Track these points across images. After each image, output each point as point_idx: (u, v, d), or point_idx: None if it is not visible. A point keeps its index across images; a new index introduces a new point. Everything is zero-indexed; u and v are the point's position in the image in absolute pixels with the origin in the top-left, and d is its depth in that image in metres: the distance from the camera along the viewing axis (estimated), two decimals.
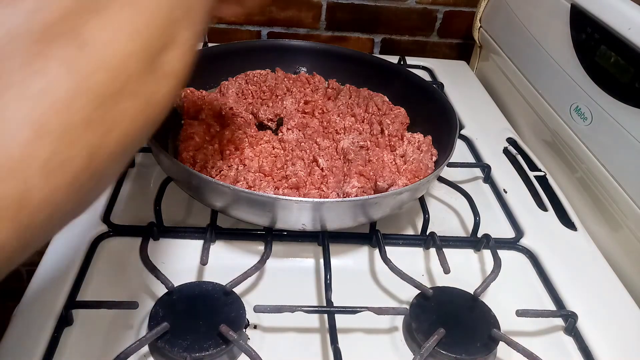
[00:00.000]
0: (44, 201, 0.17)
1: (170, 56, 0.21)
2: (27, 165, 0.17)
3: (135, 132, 0.21)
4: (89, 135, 0.18)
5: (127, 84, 0.19)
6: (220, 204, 0.51)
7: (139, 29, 0.20)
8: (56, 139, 0.17)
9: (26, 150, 0.16)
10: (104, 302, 0.44)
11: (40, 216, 0.18)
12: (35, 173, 0.17)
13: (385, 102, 0.67)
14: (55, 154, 0.17)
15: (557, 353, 0.47)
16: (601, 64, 0.59)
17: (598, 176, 0.61)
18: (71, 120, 0.17)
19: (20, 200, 0.17)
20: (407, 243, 0.55)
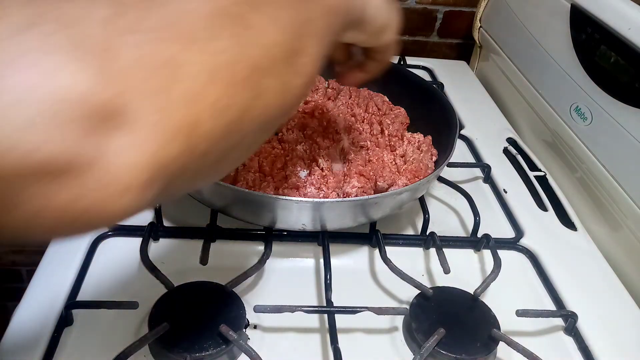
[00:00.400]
0: (206, 134, 0.22)
1: (303, 60, 0.27)
2: (200, 101, 0.21)
3: (274, 110, 0.26)
4: (244, 93, 0.23)
5: (273, 65, 0.25)
6: (220, 204, 0.51)
7: (285, 26, 0.25)
8: (223, 87, 0.22)
9: (202, 89, 0.21)
10: (104, 302, 0.44)
11: (201, 147, 0.22)
12: (205, 109, 0.21)
13: (385, 102, 0.67)
14: (221, 98, 0.22)
15: (557, 353, 0.47)
16: (601, 64, 0.59)
17: (598, 176, 0.61)
18: (234, 77, 0.22)
19: (192, 127, 0.21)
20: (407, 243, 0.55)
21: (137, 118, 0.19)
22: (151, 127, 0.19)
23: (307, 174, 0.54)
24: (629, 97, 0.55)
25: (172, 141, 0.20)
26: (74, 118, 0.17)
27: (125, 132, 0.19)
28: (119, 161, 0.19)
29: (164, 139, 0.20)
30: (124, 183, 0.19)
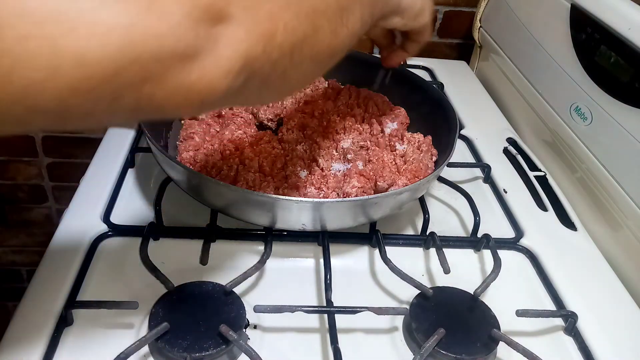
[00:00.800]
0: (279, 45, 0.29)
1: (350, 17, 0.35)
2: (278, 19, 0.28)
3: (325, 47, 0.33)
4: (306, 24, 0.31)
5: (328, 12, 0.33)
6: (220, 204, 0.51)
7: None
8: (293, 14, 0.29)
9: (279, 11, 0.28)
10: (104, 302, 0.44)
11: (274, 54, 0.29)
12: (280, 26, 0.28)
13: (385, 102, 0.67)
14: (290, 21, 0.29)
15: (557, 353, 0.47)
16: (601, 64, 0.59)
17: (598, 176, 0.61)
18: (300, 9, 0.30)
19: (271, 36, 0.28)
20: (407, 243, 0.55)
21: (238, 23, 0.26)
22: (246, 30, 0.26)
23: (307, 174, 0.54)
24: (629, 97, 0.55)
25: (258, 43, 0.27)
26: (201, 19, 0.24)
27: (230, 31, 0.26)
28: (226, 51, 0.26)
29: (253, 40, 0.27)
30: (228, 67, 0.26)
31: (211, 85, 0.26)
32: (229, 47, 0.26)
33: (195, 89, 0.25)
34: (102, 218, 0.54)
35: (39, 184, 1.14)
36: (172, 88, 0.25)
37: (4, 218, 1.19)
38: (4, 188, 1.14)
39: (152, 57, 0.23)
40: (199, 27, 0.24)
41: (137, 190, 0.59)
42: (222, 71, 0.26)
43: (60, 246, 0.50)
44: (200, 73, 0.25)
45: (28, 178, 1.13)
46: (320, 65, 0.35)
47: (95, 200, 0.56)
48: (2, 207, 1.17)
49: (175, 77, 0.24)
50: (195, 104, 0.26)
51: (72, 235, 0.52)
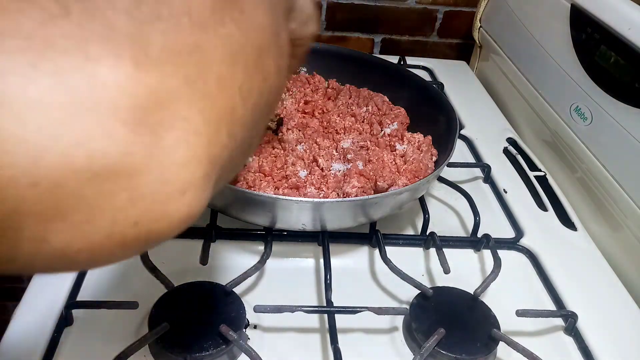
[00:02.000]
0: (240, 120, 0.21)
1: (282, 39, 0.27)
2: (231, 86, 0.20)
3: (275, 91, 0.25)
4: (257, 76, 0.22)
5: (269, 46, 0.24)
6: (220, 204, 0.51)
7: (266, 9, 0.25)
8: (243, 70, 0.21)
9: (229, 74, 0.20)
10: (104, 302, 0.44)
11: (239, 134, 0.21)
12: (236, 94, 0.20)
13: (385, 102, 0.67)
14: (244, 82, 0.21)
15: (557, 353, 0.47)
16: (601, 64, 0.59)
17: (598, 176, 0.61)
18: (247, 59, 0.21)
19: (231, 113, 0.20)
20: (407, 243, 0.55)
21: (185, 107, 0.17)
22: (200, 116, 0.18)
23: (307, 174, 0.54)
24: (629, 97, 0.55)
25: (220, 130, 0.19)
26: (118, 109, 0.16)
27: (176, 124, 0.17)
28: (176, 156, 0.17)
29: (213, 128, 0.19)
30: (184, 180, 0.18)
31: (159, 212, 0.17)
32: (180, 148, 0.17)
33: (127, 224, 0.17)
34: None
35: None
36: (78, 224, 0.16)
37: None
38: None
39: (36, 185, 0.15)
40: (116, 127, 0.16)
41: None
42: (175, 187, 0.17)
43: None
44: (132, 196, 0.16)
45: None
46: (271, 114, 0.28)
47: None
48: None
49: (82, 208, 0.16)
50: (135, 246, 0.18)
51: None
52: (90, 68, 0.15)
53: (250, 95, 0.21)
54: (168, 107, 0.17)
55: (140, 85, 0.16)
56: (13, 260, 0.16)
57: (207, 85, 0.19)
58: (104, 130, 0.15)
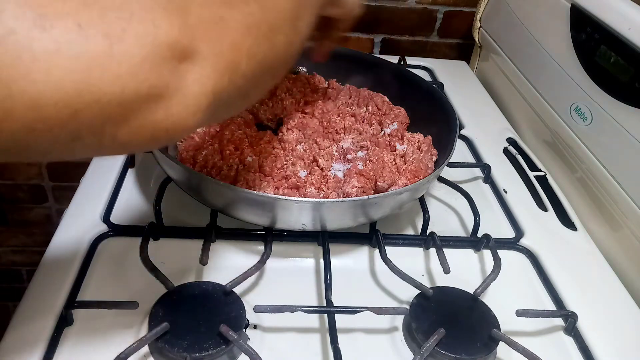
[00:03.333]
0: (243, 72, 0.29)
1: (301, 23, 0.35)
2: (240, 49, 0.28)
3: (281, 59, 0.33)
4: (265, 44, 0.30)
5: (283, 24, 0.32)
6: (220, 204, 0.51)
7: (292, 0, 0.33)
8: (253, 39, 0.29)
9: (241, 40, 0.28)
10: (104, 302, 0.44)
11: (239, 82, 0.29)
12: (243, 54, 0.28)
13: (385, 102, 0.67)
14: (251, 47, 0.29)
15: (557, 353, 0.47)
16: (601, 64, 0.59)
17: (598, 176, 0.61)
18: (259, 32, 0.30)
19: (236, 67, 0.28)
20: (407, 243, 0.55)
21: (203, 60, 0.26)
22: (211, 65, 0.26)
23: (307, 174, 0.54)
24: (629, 97, 0.55)
25: (224, 77, 0.27)
26: (166, 59, 0.24)
27: (195, 69, 0.26)
28: (193, 89, 0.26)
29: (219, 75, 0.27)
30: (197, 105, 0.26)
31: (179, 123, 0.26)
32: (196, 85, 0.26)
33: (161, 128, 0.26)
34: (102, 218, 0.54)
35: (39, 184, 1.14)
36: (136, 128, 0.25)
37: (4, 218, 1.19)
38: (4, 188, 1.14)
39: (113, 100, 0.23)
40: (163, 67, 0.24)
41: (137, 190, 0.59)
42: (191, 110, 0.26)
43: (60, 246, 0.50)
44: (167, 113, 0.25)
45: (28, 178, 1.13)
46: (277, 76, 0.36)
47: (95, 200, 0.56)
48: (2, 207, 1.17)
49: (139, 118, 0.25)
50: (162, 141, 0.27)
51: (72, 235, 0.52)
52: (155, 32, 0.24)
53: (254, 57, 0.29)
54: (193, 58, 0.25)
55: (179, 44, 0.25)
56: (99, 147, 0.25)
57: (222, 46, 0.27)
58: (158, 72, 0.24)
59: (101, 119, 0.23)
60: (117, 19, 0.23)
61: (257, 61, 0.30)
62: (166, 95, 0.25)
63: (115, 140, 0.25)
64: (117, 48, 0.22)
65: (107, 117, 0.23)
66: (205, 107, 0.27)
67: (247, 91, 0.31)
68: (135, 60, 0.23)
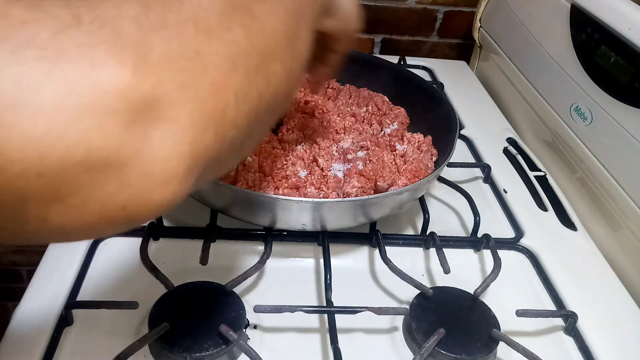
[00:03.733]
0: (233, 121, 0.22)
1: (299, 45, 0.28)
2: (226, 90, 0.22)
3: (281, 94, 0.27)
4: (258, 80, 0.24)
5: (278, 51, 0.26)
6: (220, 204, 0.51)
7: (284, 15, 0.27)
8: (242, 75, 0.23)
9: (226, 78, 0.22)
10: (104, 302, 0.44)
11: (229, 134, 0.22)
12: (230, 97, 0.22)
13: (385, 102, 0.67)
14: (241, 86, 0.23)
15: (557, 353, 0.47)
16: (601, 64, 0.59)
17: (598, 176, 0.61)
18: (249, 64, 0.23)
19: (221, 115, 0.22)
20: (407, 243, 0.55)
21: (174, 109, 0.20)
22: (187, 117, 0.20)
23: (307, 174, 0.54)
24: (629, 97, 0.55)
25: (206, 130, 0.21)
26: (115, 111, 0.18)
27: (164, 124, 0.19)
28: (160, 152, 0.19)
29: (199, 128, 0.21)
30: (167, 173, 0.20)
31: (144, 199, 0.20)
32: (166, 145, 0.19)
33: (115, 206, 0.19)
34: None
35: None
36: (75, 208, 0.19)
37: None
38: None
39: (28, 169, 0.17)
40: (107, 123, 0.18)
41: None
42: (159, 179, 0.20)
43: (60, 246, 0.50)
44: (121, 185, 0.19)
45: None
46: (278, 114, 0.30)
47: None
48: None
49: (78, 194, 0.18)
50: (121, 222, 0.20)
51: None
52: (94, 76, 0.18)
53: (246, 99, 0.23)
54: (158, 109, 0.19)
55: (135, 90, 0.18)
56: (22, 234, 0.19)
57: (199, 90, 0.20)
58: (101, 130, 0.18)
59: (14, 196, 0.17)
60: (37, 59, 0.17)
61: (251, 103, 0.23)
62: (117, 162, 0.18)
63: (47, 223, 0.19)
64: (32, 100, 0.17)
65: (22, 194, 0.17)
66: (184, 174, 0.20)
67: (241, 142, 0.24)
68: (63, 115, 0.17)
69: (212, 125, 0.21)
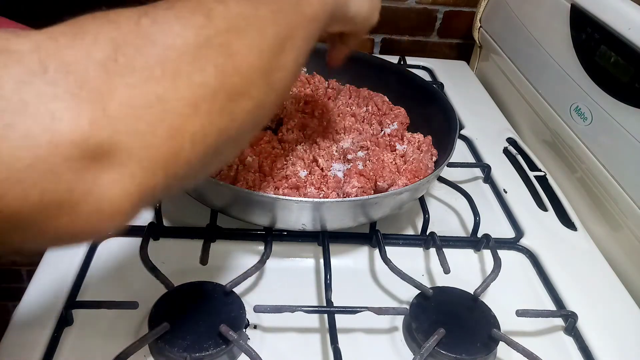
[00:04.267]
0: (186, 161, 0.24)
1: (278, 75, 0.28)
2: (183, 134, 0.23)
3: (248, 126, 0.27)
4: (221, 120, 0.25)
5: (250, 87, 0.26)
6: (220, 204, 0.51)
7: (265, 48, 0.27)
8: (203, 118, 0.24)
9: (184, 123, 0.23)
10: (104, 302, 0.44)
11: (181, 172, 0.24)
12: (186, 140, 0.23)
13: (385, 102, 0.67)
14: (201, 129, 0.24)
15: (557, 353, 0.47)
16: (601, 64, 0.59)
17: (598, 176, 0.61)
18: (214, 106, 0.24)
19: (174, 157, 0.23)
20: (407, 243, 0.55)
21: (125, 156, 0.21)
22: (137, 162, 0.22)
23: (307, 174, 0.54)
24: (629, 97, 0.55)
25: (156, 172, 0.23)
26: (69, 159, 0.20)
27: (114, 169, 0.21)
28: (109, 194, 0.21)
29: (149, 171, 0.22)
30: (113, 210, 0.22)
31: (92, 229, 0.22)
32: (114, 188, 0.21)
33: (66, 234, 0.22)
34: None
35: None
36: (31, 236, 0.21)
37: None
38: None
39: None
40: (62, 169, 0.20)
41: None
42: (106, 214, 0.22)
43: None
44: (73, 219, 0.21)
45: None
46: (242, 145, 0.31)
47: None
48: None
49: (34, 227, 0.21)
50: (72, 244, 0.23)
51: None
52: (53, 128, 0.19)
53: (203, 140, 0.24)
54: (110, 156, 0.21)
55: (90, 140, 0.20)
56: None
57: (154, 137, 0.22)
58: (55, 176, 0.20)
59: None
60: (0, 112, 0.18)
61: (208, 142, 0.24)
62: (70, 202, 0.21)
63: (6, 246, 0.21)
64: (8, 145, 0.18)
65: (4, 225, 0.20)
66: (130, 209, 0.23)
67: (194, 174, 0.26)
68: (21, 164, 0.19)
69: (162, 168, 0.23)
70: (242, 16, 0.26)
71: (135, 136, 0.21)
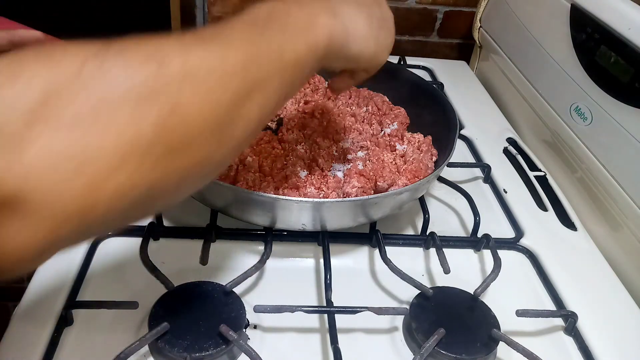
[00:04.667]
0: (102, 214, 0.22)
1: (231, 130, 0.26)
2: (102, 188, 0.22)
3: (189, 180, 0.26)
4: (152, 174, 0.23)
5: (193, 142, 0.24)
6: (220, 204, 0.51)
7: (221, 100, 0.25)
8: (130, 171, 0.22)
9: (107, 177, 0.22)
10: (104, 302, 0.44)
11: (95, 224, 0.23)
12: (105, 194, 0.22)
13: (385, 102, 0.67)
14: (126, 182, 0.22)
15: (557, 353, 0.47)
16: (601, 64, 0.59)
17: (598, 176, 0.61)
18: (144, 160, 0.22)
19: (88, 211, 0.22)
20: (407, 243, 0.55)
21: (35, 206, 0.20)
22: (47, 213, 0.21)
23: (307, 174, 0.54)
24: (629, 97, 0.55)
25: (65, 224, 0.22)
26: None
27: (18, 218, 0.20)
28: (11, 242, 0.21)
29: (56, 223, 0.21)
30: (16, 258, 0.22)
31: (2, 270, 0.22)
32: (18, 238, 0.21)
33: None
34: None
35: None
36: None
37: None
38: None
39: None
40: None
41: None
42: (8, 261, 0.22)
43: None
44: None
45: None
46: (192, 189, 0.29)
47: None
48: None
49: None
50: None
51: None
52: None
53: (129, 193, 0.23)
54: (19, 204, 0.20)
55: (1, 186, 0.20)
56: None
57: (70, 189, 0.21)
58: None
59: None
60: None
61: (134, 195, 0.23)
62: None
63: None
64: None
65: None
66: (34, 256, 0.22)
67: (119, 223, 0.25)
68: None
69: (76, 218, 0.22)
70: (202, 67, 0.24)
71: (48, 188, 0.20)
